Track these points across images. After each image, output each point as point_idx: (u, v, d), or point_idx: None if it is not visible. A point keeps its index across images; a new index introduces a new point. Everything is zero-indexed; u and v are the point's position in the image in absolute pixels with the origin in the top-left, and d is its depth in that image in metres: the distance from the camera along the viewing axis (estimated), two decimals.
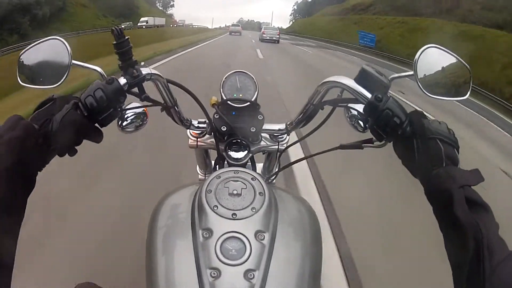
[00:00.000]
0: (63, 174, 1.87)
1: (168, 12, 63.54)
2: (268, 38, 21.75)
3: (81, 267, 1.44)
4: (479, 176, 0.41)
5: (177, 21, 55.32)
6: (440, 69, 0.53)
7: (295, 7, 72.07)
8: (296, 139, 0.68)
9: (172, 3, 65.31)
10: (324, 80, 0.54)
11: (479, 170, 0.42)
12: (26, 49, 0.53)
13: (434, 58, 0.52)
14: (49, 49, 0.52)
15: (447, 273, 0.38)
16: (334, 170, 2.45)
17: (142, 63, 0.51)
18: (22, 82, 0.52)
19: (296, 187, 2.22)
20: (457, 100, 0.55)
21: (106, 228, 1.70)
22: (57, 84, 0.49)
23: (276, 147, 0.70)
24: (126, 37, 0.48)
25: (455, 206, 0.38)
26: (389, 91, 0.49)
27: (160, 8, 61.10)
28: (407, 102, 4.91)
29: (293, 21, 67.02)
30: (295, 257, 0.46)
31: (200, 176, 0.84)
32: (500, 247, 0.35)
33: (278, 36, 22.12)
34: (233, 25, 34.81)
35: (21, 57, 0.52)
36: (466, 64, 0.54)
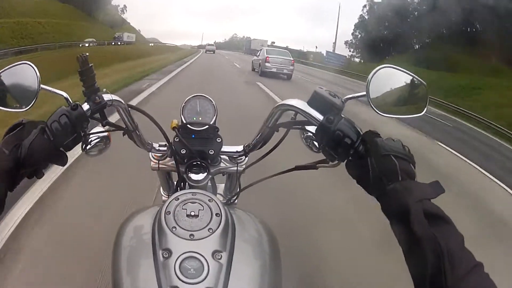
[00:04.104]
0: None
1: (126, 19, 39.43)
2: (275, 70, 11.75)
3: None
4: (439, 188, 0.41)
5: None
6: (396, 88, 0.54)
7: (366, 9, 30.05)
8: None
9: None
10: (278, 103, 0.56)
11: (439, 182, 0.41)
12: None
13: (390, 78, 0.53)
14: (19, 73, 0.54)
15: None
16: None
17: (104, 90, 0.53)
18: None
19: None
20: (413, 117, 0.56)
21: None
22: (27, 108, 0.52)
23: (235, 168, 0.71)
24: (90, 64, 0.51)
25: (411, 220, 0.38)
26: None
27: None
28: None
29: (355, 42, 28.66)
30: (253, 274, 0.48)
31: (163, 198, 0.86)
32: (465, 259, 0.35)
33: (292, 67, 12.27)
34: (208, 44, 43.82)
35: None
36: (423, 81, 0.54)
